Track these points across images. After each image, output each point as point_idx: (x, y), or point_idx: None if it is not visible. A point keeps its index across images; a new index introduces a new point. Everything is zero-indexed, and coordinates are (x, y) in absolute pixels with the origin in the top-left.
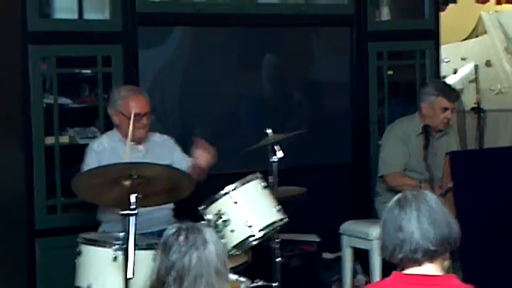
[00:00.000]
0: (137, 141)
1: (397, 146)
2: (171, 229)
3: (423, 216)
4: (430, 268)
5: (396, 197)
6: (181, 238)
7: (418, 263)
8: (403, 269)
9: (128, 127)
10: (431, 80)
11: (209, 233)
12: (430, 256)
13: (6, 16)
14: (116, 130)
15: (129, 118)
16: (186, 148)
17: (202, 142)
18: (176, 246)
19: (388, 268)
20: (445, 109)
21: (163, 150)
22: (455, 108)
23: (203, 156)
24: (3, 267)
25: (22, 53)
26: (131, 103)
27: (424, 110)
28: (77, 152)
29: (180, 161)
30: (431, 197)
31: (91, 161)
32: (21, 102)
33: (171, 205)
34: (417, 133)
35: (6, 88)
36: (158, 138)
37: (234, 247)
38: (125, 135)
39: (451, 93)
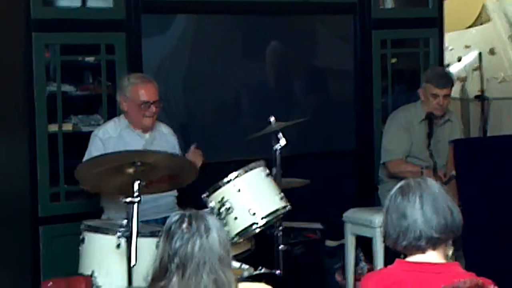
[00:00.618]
0: (144, 129)
1: (399, 133)
2: (174, 217)
3: (426, 204)
4: (433, 256)
5: (398, 185)
6: (184, 225)
7: (422, 250)
8: (405, 257)
9: (136, 114)
10: (431, 67)
11: (212, 220)
12: (433, 243)
13: (10, 3)
14: (124, 117)
15: (138, 105)
16: (189, 143)
17: (192, 147)
18: (179, 233)
19: (391, 255)
20: (435, 95)
21: (168, 142)
22: (448, 94)
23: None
24: (7, 254)
25: (26, 40)
26: (140, 91)
27: (421, 97)
28: (81, 139)
29: None
30: (434, 185)
31: (95, 149)
32: (25, 89)
33: (175, 193)
34: (419, 120)
35: (9, 75)
36: (164, 129)
37: (237, 234)
38: (133, 122)
39: (439, 79)
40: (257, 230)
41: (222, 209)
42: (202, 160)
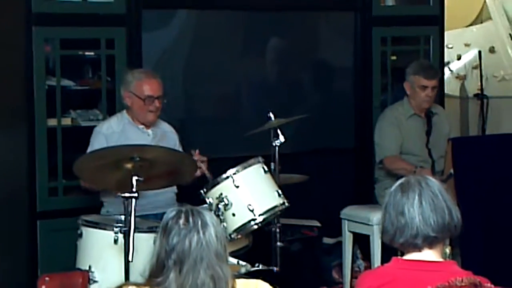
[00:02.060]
0: (147, 124)
1: (391, 130)
2: (171, 212)
3: (425, 202)
4: (430, 254)
5: (399, 182)
6: (181, 221)
7: (418, 248)
8: (402, 255)
9: (140, 109)
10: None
11: (209, 216)
12: (430, 242)
13: None
14: (126, 112)
15: (142, 100)
16: (188, 138)
17: (197, 154)
18: (176, 229)
19: (388, 253)
20: (424, 87)
21: (169, 139)
22: (436, 86)
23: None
24: (4, 249)
25: (26, 34)
26: (145, 85)
27: (407, 91)
28: (79, 134)
29: None
30: (434, 183)
31: (98, 144)
32: (24, 83)
33: (174, 189)
34: (407, 116)
35: (9, 69)
36: (166, 127)
37: (235, 231)
38: (136, 118)
39: (427, 70)
40: (255, 227)
41: (220, 205)
42: (206, 168)
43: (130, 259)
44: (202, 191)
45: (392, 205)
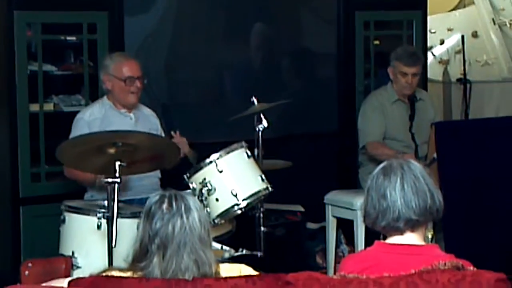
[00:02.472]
0: (129, 107)
1: (374, 116)
2: (154, 197)
3: (407, 185)
4: (412, 238)
5: (381, 165)
6: (165, 206)
7: (400, 231)
8: (385, 238)
9: (121, 91)
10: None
11: (192, 201)
12: (412, 225)
13: None
14: (107, 98)
15: (123, 81)
16: (171, 123)
17: (178, 135)
18: (159, 214)
19: (372, 238)
20: (404, 74)
21: (151, 123)
22: (417, 73)
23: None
24: None
25: (7, 19)
26: (124, 67)
27: (391, 77)
28: (62, 119)
29: None
30: (416, 166)
31: (80, 132)
32: (6, 68)
33: (158, 174)
34: (391, 101)
35: None
36: (147, 111)
37: (219, 215)
38: (117, 101)
39: (408, 57)
40: (239, 212)
41: (204, 190)
42: (188, 148)
43: (113, 244)
44: (185, 176)
45: (374, 189)
